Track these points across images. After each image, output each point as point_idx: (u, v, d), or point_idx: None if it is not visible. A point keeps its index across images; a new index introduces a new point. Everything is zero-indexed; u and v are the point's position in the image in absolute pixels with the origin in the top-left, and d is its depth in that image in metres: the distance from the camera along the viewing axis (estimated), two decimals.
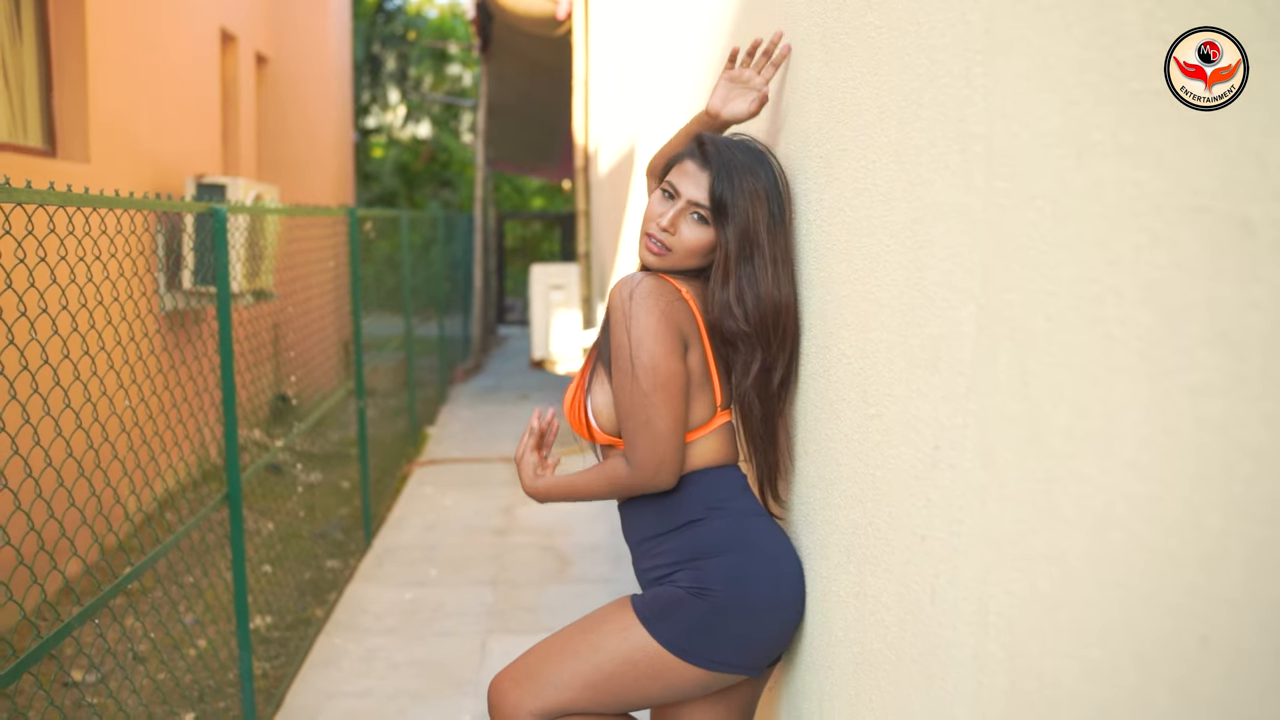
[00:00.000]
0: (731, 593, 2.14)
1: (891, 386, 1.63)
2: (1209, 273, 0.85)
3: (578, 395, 2.30)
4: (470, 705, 4.33)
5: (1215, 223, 0.83)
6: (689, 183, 2.21)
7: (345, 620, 5.37)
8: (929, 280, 1.46)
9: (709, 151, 2.20)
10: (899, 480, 1.61)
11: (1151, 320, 0.93)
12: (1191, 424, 0.88)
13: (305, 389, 9.27)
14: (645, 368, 2.11)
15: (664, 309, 2.12)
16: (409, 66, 25.44)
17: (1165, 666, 0.92)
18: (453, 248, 15.17)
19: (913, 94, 1.50)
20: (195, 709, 4.40)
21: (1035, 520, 1.15)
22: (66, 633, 2.67)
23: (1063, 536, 1.09)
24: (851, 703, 1.88)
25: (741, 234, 2.14)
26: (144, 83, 7.58)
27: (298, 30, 12.35)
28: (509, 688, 2.24)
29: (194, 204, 3.52)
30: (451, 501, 7.58)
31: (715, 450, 2.24)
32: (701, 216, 2.19)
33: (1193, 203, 0.86)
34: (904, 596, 1.59)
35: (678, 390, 2.13)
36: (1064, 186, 1.07)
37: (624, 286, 2.16)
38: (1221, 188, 0.83)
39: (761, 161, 2.20)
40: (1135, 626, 0.97)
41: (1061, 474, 1.09)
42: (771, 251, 2.15)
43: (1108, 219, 0.99)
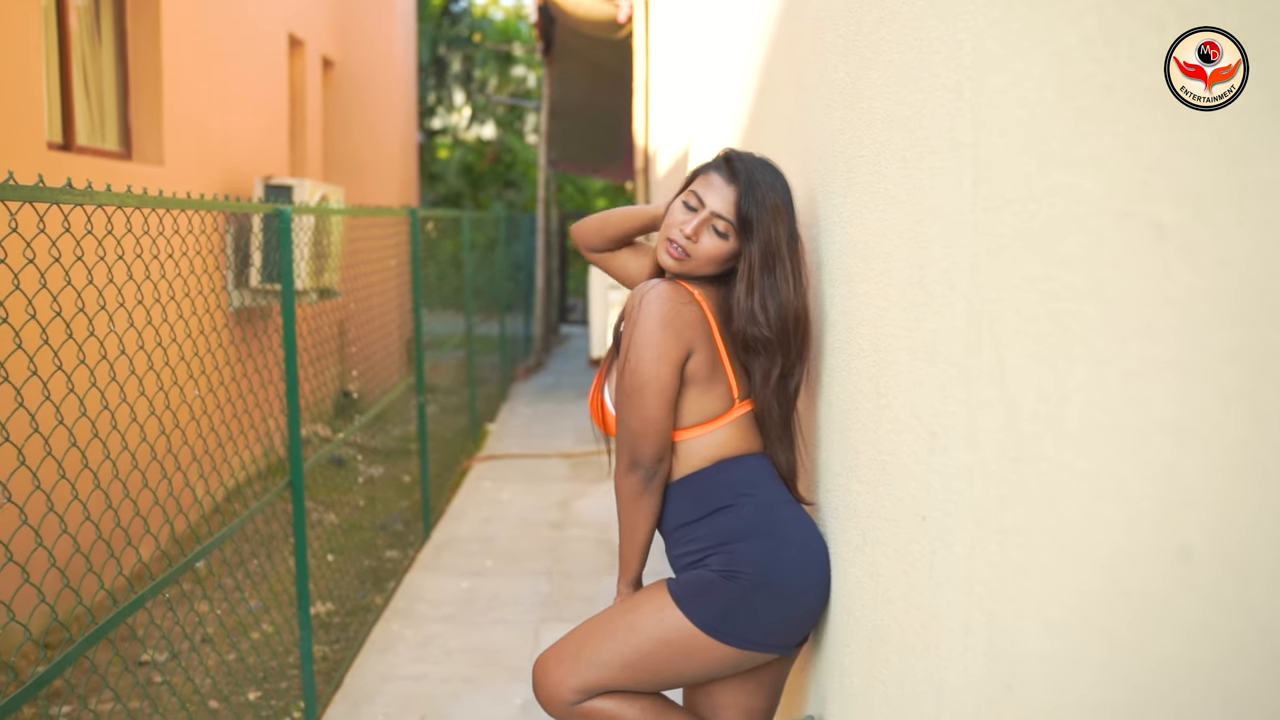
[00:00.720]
0: (761, 575, 2.26)
1: (898, 378, 1.75)
2: (1135, 270, 0.96)
3: (597, 389, 2.46)
4: (522, 691, 4.48)
5: (1137, 225, 0.95)
6: (714, 196, 2.34)
7: (403, 608, 5.55)
8: (929, 279, 1.57)
9: (736, 168, 2.33)
10: (903, 466, 1.72)
11: (1094, 312, 1.04)
12: (1120, 405, 0.99)
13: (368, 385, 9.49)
14: (631, 369, 2.28)
15: (667, 315, 2.26)
16: (474, 68, 25.76)
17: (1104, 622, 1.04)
18: (515, 248, 15.38)
19: (916, 104, 1.62)
20: (259, 688, 4.59)
21: (1008, 496, 1.27)
22: (139, 605, 2.84)
23: (1027, 509, 1.21)
24: (866, 677, 1.99)
25: (765, 246, 2.28)
26: (215, 87, 7.83)
27: (363, 34, 12.61)
28: (552, 666, 2.38)
29: (260, 205, 3.70)
30: (509, 495, 7.76)
31: (737, 440, 2.37)
32: (720, 229, 2.33)
33: (1123, 207, 0.97)
34: (909, 574, 1.70)
35: (658, 391, 2.28)
36: (1030, 192, 1.18)
37: (638, 292, 2.32)
38: (1141, 193, 0.94)
39: (780, 179, 2.35)
40: (1081, 586, 1.08)
41: (1028, 453, 1.21)
42: (791, 263, 2.29)
43: (1061, 221, 1.10)
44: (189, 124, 7.26)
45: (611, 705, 2.35)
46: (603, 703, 2.34)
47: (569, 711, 2.36)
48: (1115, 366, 0.99)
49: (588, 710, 2.35)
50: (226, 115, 8.03)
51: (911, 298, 1.66)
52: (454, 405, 10.29)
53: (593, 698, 2.34)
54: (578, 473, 8.49)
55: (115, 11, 6.72)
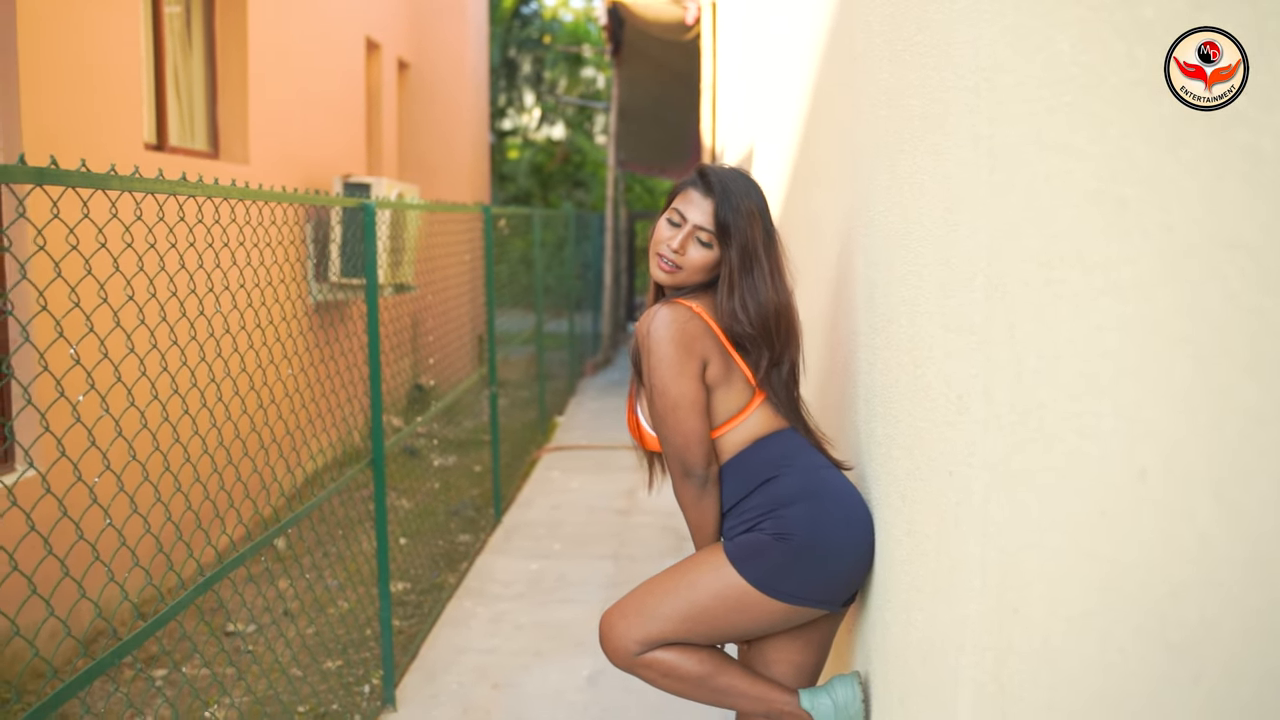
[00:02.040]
0: (810, 535, 2.45)
1: (931, 349, 1.93)
2: (1103, 238, 1.15)
3: (631, 412, 2.67)
4: (589, 663, 4.70)
5: (1108, 200, 1.13)
6: (694, 209, 2.57)
7: (475, 587, 5.79)
8: (955, 258, 1.75)
9: (711, 181, 2.56)
10: (935, 428, 1.90)
11: (1077, 277, 1.23)
12: (1096, 355, 1.18)
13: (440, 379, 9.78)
14: (660, 392, 2.49)
15: (675, 335, 2.47)
16: (544, 70, 26.07)
17: (1087, 543, 1.22)
18: (585, 247, 15.64)
19: (946, 101, 1.80)
20: (339, 658, 4.86)
21: (1015, 444, 1.45)
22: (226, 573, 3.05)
23: (1029, 453, 1.39)
24: (904, 627, 2.18)
25: (742, 250, 2.52)
26: (297, 89, 8.15)
27: (437, 37, 12.93)
28: (616, 620, 2.59)
29: (346, 199, 3.95)
30: (577, 484, 8.00)
31: (766, 421, 2.58)
32: (704, 240, 2.55)
33: (1098, 187, 1.16)
34: (939, 526, 1.89)
35: (689, 406, 2.49)
36: (1031, 176, 1.37)
37: (644, 322, 2.54)
38: (1111, 173, 1.13)
39: (753, 186, 2.59)
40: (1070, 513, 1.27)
41: (1030, 404, 1.39)
42: (769, 263, 2.51)
43: (1055, 201, 1.29)
44: (272, 124, 7.58)
45: (671, 656, 2.55)
46: (663, 654, 2.55)
47: (632, 661, 2.57)
48: (1090, 321, 1.18)
49: (649, 660, 2.55)
50: (307, 116, 8.35)
51: (941, 276, 1.84)
52: (523, 399, 10.56)
53: (654, 649, 2.55)
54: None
55: (205, 18, 7.04)
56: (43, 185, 2.06)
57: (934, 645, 1.92)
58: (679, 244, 2.56)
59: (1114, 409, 1.14)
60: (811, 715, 2.57)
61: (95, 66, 5.19)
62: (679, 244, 2.56)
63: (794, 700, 2.60)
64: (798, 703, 2.59)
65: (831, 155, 3.01)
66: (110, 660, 2.42)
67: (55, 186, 2.09)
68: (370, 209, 4.02)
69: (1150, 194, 1.06)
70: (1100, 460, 1.17)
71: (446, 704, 4.39)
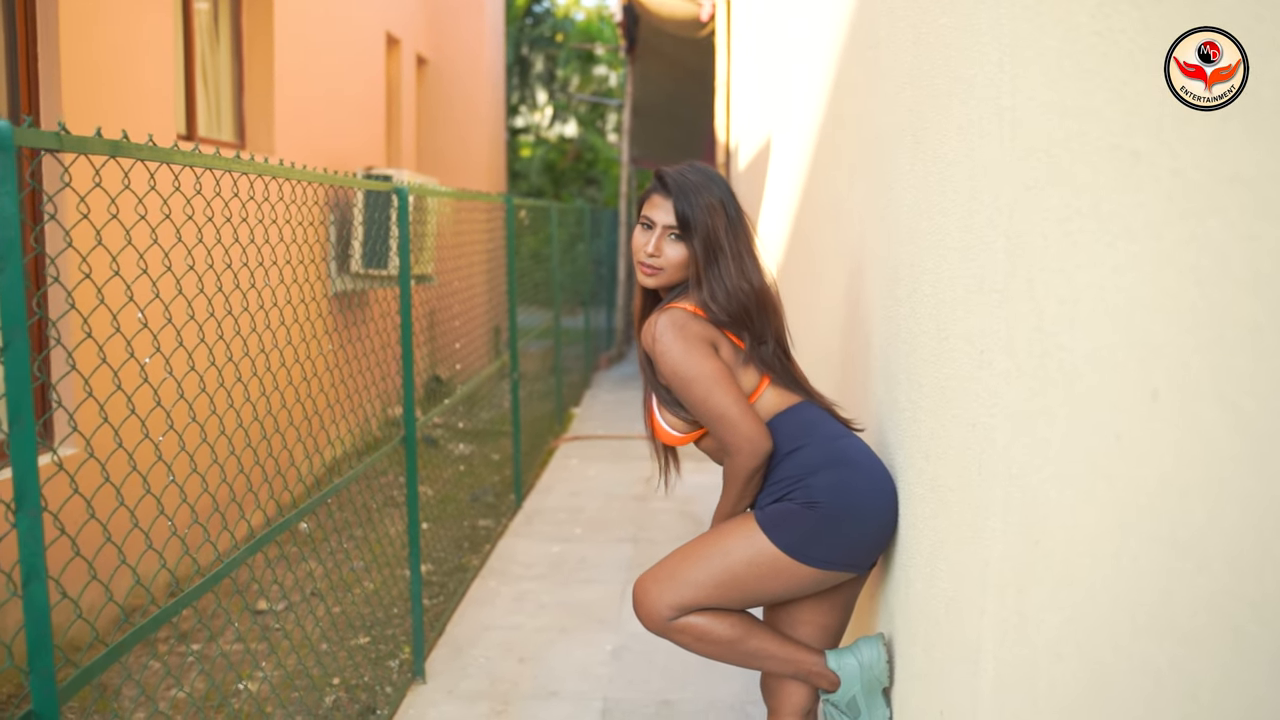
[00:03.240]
0: (836, 503, 2.57)
1: (954, 310, 2.05)
2: (1119, 188, 1.27)
3: (650, 415, 2.80)
4: (611, 639, 4.83)
5: (1121, 154, 1.26)
6: (659, 212, 2.72)
7: (498, 568, 5.93)
8: (978, 223, 1.88)
9: (668, 181, 2.71)
10: (959, 384, 2.03)
11: (1094, 227, 1.35)
12: (1112, 293, 1.30)
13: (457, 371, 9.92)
14: (694, 379, 2.59)
15: (679, 333, 2.60)
16: (556, 68, 26.23)
17: (1104, 465, 1.35)
18: (598, 244, 15.77)
19: (968, 78, 1.93)
20: (367, 634, 4.99)
21: (1036, 387, 1.58)
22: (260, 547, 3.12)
23: (1049, 394, 1.52)
24: (928, 582, 2.30)
25: (705, 241, 2.66)
26: (320, 83, 8.30)
27: (455, 33, 13.09)
28: (650, 586, 2.71)
29: (381, 183, 4.08)
30: (595, 472, 8.13)
31: (780, 397, 2.70)
32: (676, 237, 2.68)
33: (1113, 142, 1.29)
34: (962, 477, 2.01)
35: (726, 379, 2.60)
36: (1051, 140, 1.49)
37: (647, 333, 2.66)
38: (1125, 129, 1.25)
39: (711, 178, 2.72)
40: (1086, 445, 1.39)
41: (1051, 347, 1.52)
42: (733, 250, 2.66)
43: (1074, 160, 1.41)
44: (296, 117, 7.72)
45: (703, 620, 2.67)
46: (695, 618, 2.67)
47: (665, 626, 2.69)
48: (1107, 264, 1.31)
49: (682, 625, 2.67)
50: (329, 109, 8.50)
51: (965, 241, 1.97)
52: (540, 392, 10.70)
53: (686, 614, 2.67)
54: None
55: (232, 14, 7.19)
56: (116, 157, 2.19)
57: (958, 593, 2.04)
58: (654, 246, 2.70)
59: (1128, 340, 1.27)
60: (839, 675, 2.69)
61: (131, 60, 5.34)
62: (654, 246, 2.70)
63: (821, 661, 2.72)
64: (825, 663, 2.71)
65: (852, 141, 3.13)
66: (149, 627, 2.49)
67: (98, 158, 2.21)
68: (404, 192, 4.16)
69: (1159, 144, 1.19)
70: (1116, 389, 1.30)
71: (475, 676, 4.52)
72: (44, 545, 1.87)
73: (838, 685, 2.69)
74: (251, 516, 4.02)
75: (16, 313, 1.81)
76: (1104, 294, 1.32)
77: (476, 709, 4.21)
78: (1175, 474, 1.18)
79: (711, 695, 4.28)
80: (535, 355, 11.42)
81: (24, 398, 1.82)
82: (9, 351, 1.80)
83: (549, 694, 4.33)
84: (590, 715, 4.13)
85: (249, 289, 3.36)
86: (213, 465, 3.31)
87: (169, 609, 2.53)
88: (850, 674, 2.68)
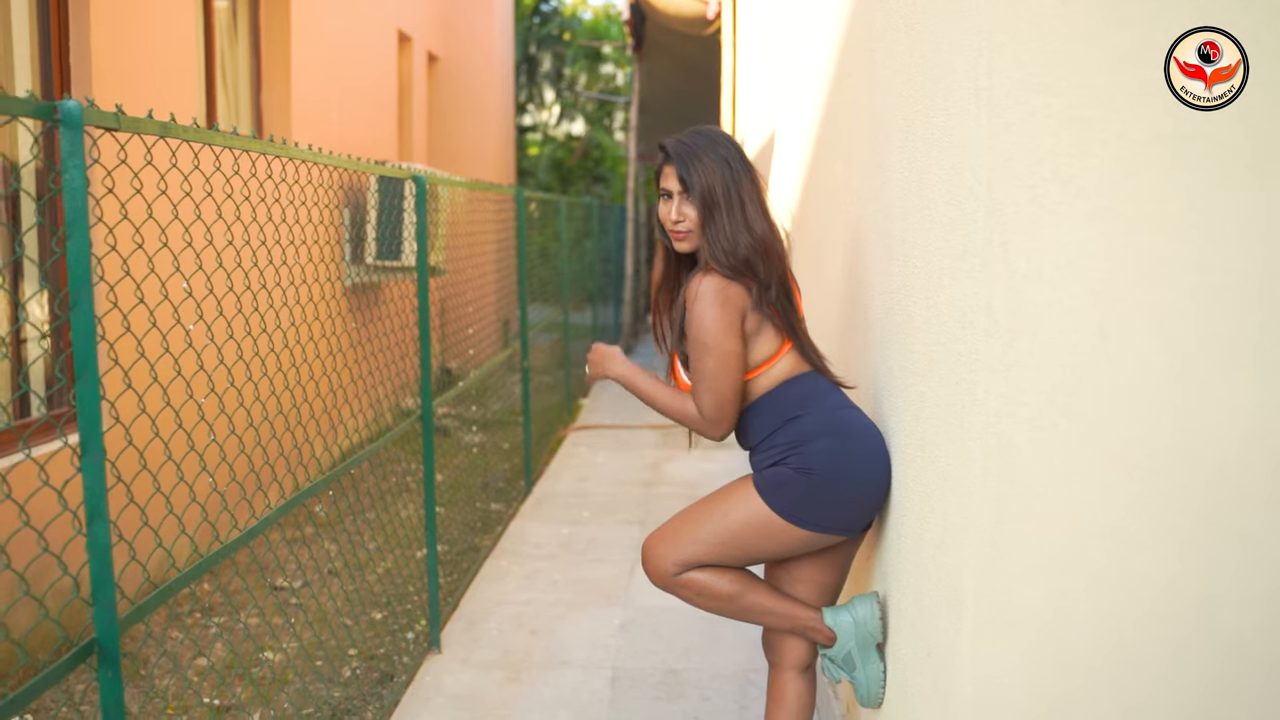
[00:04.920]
0: (829, 470, 2.74)
1: (941, 279, 2.23)
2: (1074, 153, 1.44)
3: (674, 365, 2.97)
4: (619, 613, 5.00)
5: (1076, 123, 1.43)
6: (669, 180, 2.88)
7: (509, 548, 6.11)
8: (961, 197, 2.05)
9: (669, 149, 2.88)
10: (944, 347, 2.20)
11: (1055, 190, 1.52)
12: (1070, 247, 1.48)
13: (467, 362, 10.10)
14: (712, 351, 2.76)
15: (723, 300, 2.74)
16: (564, 66, 26.42)
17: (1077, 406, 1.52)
18: (606, 241, 15.95)
19: (949, 63, 2.10)
20: (383, 610, 5.17)
21: (1011, 341, 1.75)
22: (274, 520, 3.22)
23: (1020, 346, 1.69)
24: (918, 533, 2.47)
25: (703, 198, 2.80)
26: (334, 79, 8.49)
27: (465, 31, 13.28)
28: (657, 544, 2.89)
29: (401, 170, 4.26)
30: (603, 459, 8.31)
31: (792, 366, 2.86)
32: (689, 198, 2.85)
33: (1069, 113, 1.46)
34: (948, 434, 2.18)
35: (737, 365, 2.77)
36: (1020, 114, 1.67)
37: (692, 289, 2.79)
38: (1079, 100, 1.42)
39: (712, 139, 2.86)
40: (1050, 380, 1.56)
41: (1022, 302, 1.69)
42: (730, 202, 2.79)
43: (1038, 131, 1.59)
44: (312, 111, 7.92)
45: (705, 576, 2.85)
46: (697, 574, 2.85)
47: (670, 581, 2.87)
48: (1066, 222, 1.48)
49: (685, 580, 2.85)
50: (344, 104, 8.69)
51: (949, 214, 2.14)
52: (547, 384, 10.90)
53: (689, 570, 2.84)
54: (667, 441, 9.03)
55: (250, 13, 7.38)
56: (165, 138, 2.37)
57: (944, 539, 2.21)
58: (676, 213, 2.85)
59: (1085, 288, 1.44)
60: (835, 630, 2.86)
61: (156, 56, 5.53)
62: (676, 213, 2.85)
63: (817, 617, 2.89)
64: (821, 619, 2.88)
65: (851, 128, 3.30)
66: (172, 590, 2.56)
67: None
68: (422, 181, 4.33)
69: (1107, 112, 1.36)
70: (1072, 331, 1.47)
71: (488, 647, 4.69)
72: (105, 488, 2.04)
73: (834, 640, 2.85)
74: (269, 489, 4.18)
75: (83, 274, 1.99)
76: (1064, 249, 1.49)
77: (490, 676, 4.38)
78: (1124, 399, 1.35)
79: (716, 665, 4.46)
80: (544, 349, 11.61)
81: (89, 352, 1.99)
82: (76, 309, 1.98)
83: (559, 663, 4.51)
84: (599, 683, 4.31)
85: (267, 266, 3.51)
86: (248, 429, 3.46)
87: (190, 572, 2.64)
88: (846, 630, 2.85)
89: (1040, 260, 1.60)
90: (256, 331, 3.49)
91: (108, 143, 3.88)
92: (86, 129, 2.10)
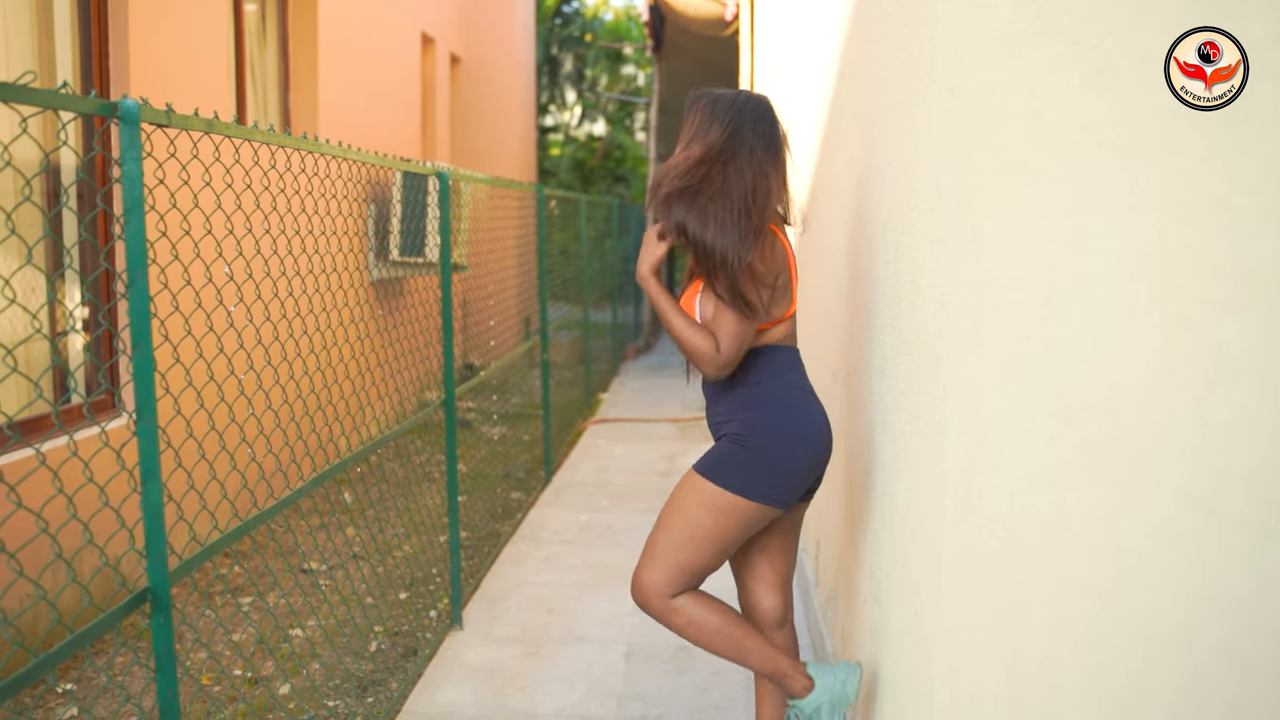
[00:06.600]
0: (759, 442, 2.90)
1: (924, 264, 2.41)
2: (1026, 143, 1.63)
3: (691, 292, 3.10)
4: None
5: (1027, 117, 1.62)
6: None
7: (529, 534, 6.31)
8: (941, 185, 2.23)
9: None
10: (928, 326, 2.38)
11: (1013, 176, 1.71)
12: (1025, 227, 1.66)
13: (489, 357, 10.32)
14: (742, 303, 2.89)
15: (770, 253, 2.93)
16: (585, 67, 26.64)
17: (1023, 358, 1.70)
18: (626, 240, 16.16)
19: (928, 58, 2.29)
20: (407, 590, 5.38)
21: (978, 314, 1.93)
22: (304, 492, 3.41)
23: (986, 320, 1.87)
24: (907, 502, 2.65)
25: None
26: (360, 80, 8.72)
27: (488, 33, 13.50)
28: (641, 573, 2.97)
29: (426, 166, 4.46)
30: (621, 451, 8.51)
31: (783, 334, 3.04)
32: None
33: (1018, 109, 1.64)
34: (929, 404, 2.36)
35: (757, 320, 2.93)
36: (984, 108, 1.85)
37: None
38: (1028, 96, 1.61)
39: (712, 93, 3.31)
40: (1009, 345, 1.75)
41: (987, 279, 1.88)
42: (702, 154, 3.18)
43: (996, 123, 1.77)
44: (338, 112, 8.14)
45: (695, 609, 2.93)
46: (689, 605, 2.93)
47: (664, 605, 2.94)
48: (1023, 204, 1.67)
49: (676, 606, 2.93)
50: (369, 105, 8.92)
51: (930, 202, 2.32)
52: (568, 379, 11.09)
53: (680, 594, 2.93)
54: (684, 434, 9.22)
55: (279, 14, 7.61)
56: (210, 134, 2.57)
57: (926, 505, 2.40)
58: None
59: (1034, 260, 1.63)
60: (814, 679, 2.96)
61: (189, 58, 5.75)
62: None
63: (799, 666, 2.99)
64: (803, 668, 2.99)
65: (851, 125, 3.48)
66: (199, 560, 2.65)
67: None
68: (445, 177, 4.54)
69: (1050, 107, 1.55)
70: (1024, 300, 1.66)
71: (508, 624, 4.89)
72: (159, 450, 2.25)
73: (810, 689, 2.96)
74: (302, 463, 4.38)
75: (139, 256, 2.19)
76: (1019, 229, 1.68)
77: (510, 651, 4.58)
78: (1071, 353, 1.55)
79: None
80: (564, 345, 11.81)
81: (144, 327, 2.20)
82: (133, 288, 2.18)
83: (577, 639, 4.70)
84: (614, 658, 4.50)
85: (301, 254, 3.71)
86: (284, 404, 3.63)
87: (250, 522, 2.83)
88: (825, 684, 2.95)
89: (1001, 240, 1.78)
90: (291, 315, 3.68)
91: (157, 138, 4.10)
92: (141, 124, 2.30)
